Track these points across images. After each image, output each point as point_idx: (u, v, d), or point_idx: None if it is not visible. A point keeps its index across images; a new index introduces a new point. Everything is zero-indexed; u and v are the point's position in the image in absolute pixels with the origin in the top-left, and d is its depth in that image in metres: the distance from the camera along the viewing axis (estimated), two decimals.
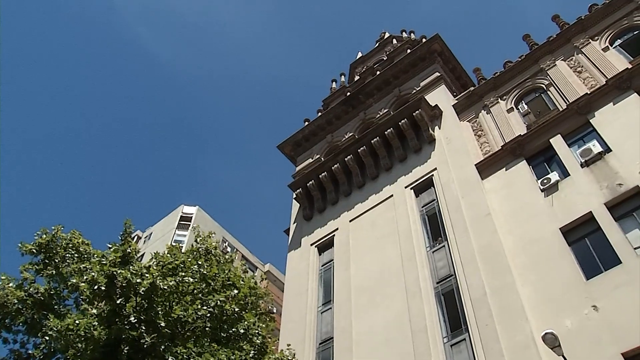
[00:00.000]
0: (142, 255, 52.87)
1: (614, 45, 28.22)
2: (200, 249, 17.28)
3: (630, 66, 25.93)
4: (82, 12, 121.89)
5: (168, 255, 16.27)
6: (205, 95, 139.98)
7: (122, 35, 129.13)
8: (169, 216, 67.41)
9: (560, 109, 27.12)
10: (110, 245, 14.92)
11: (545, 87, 29.37)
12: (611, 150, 23.51)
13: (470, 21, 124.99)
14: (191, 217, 65.65)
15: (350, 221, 31.18)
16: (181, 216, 66.03)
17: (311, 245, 31.99)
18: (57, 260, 15.89)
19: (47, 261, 15.99)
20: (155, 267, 15.21)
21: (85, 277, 14.36)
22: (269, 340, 16.38)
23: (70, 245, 16.57)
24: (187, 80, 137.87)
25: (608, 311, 18.89)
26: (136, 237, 65.53)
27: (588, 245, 21.48)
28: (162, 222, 67.69)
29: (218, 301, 15.03)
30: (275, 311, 30.54)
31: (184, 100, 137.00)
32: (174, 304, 14.80)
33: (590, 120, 25.43)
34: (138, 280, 13.92)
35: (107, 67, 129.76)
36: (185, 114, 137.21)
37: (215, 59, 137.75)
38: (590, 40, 29.03)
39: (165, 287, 14.49)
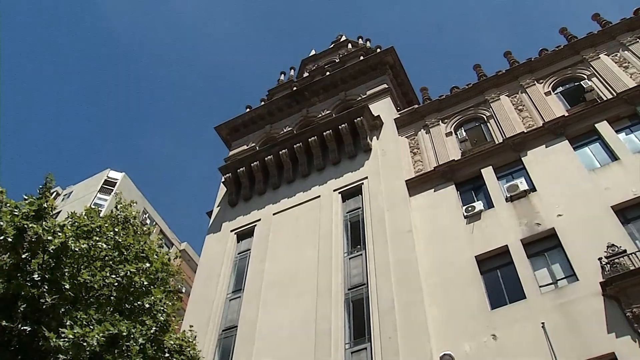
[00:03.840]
0: (59, 212, 51.05)
1: (555, 92, 29.42)
2: (119, 216, 16.77)
3: (566, 114, 27.12)
4: None
5: (85, 217, 15.71)
6: (152, 64, 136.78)
7: None
8: (93, 178, 65.35)
9: (496, 142, 28.01)
10: (26, 197, 14.25)
11: (485, 118, 30.22)
12: (536, 190, 24.40)
13: (425, 42, 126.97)
14: (116, 182, 63.84)
15: (273, 214, 31.08)
16: (105, 180, 64.10)
17: (231, 231, 31.70)
18: None
19: None
20: (69, 227, 14.64)
21: None
22: (173, 319, 16.05)
23: None
24: (135, 46, 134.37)
25: (505, 342, 19.56)
26: (55, 193, 63.23)
27: (498, 277, 22.20)
28: (84, 182, 65.55)
29: (128, 272, 14.60)
30: (184, 291, 29.96)
31: (131, 65, 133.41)
32: (82, 267, 14.29)
33: (522, 158, 26.34)
34: (49, 238, 13.36)
35: (53, 20, 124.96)
36: (129, 79, 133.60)
37: (168, 29, 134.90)
38: (536, 82, 30.14)
39: (77, 249, 13.97)
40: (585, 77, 28.93)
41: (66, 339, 12.38)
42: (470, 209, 25.02)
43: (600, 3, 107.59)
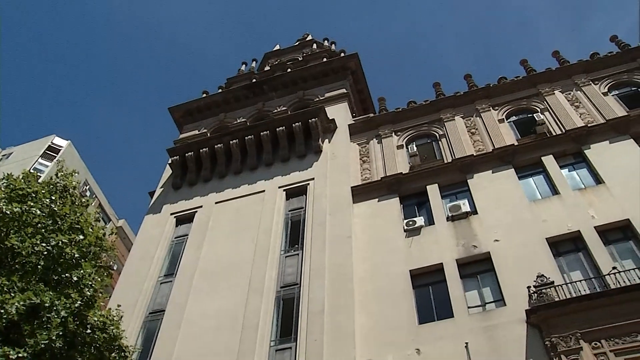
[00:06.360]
0: None
1: (508, 120, 30.23)
2: (58, 184, 16.23)
3: (516, 143, 27.86)
4: None
5: (22, 180, 15.21)
6: (112, 35, 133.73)
7: None
8: (36, 142, 63.10)
9: (445, 161, 28.54)
10: None
11: (438, 136, 30.72)
12: (477, 213, 24.90)
13: (390, 53, 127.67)
14: (60, 149, 61.80)
15: (216, 203, 30.82)
16: (49, 146, 61.98)
17: (171, 214, 31.25)
18: None
19: None
20: (3, 189, 14.20)
21: None
22: (100, 295, 15.67)
23: None
24: (97, 13, 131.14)
25: (428, 357, 19.84)
26: None
27: (430, 293, 22.51)
28: (26, 145, 63.27)
29: (60, 242, 14.17)
30: (115, 268, 29.36)
31: (91, 35, 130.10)
32: (11, 231, 13.84)
33: (468, 180, 26.84)
34: None
35: None
36: (88, 48, 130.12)
37: (133, 2, 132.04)
38: (491, 108, 30.85)
39: (8, 212, 13.55)
40: (539, 110, 29.78)
41: None
42: (411, 223, 25.32)
43: (560, 41, 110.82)
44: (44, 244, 14.01)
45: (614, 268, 20.11)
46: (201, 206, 31.01)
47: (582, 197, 23.97)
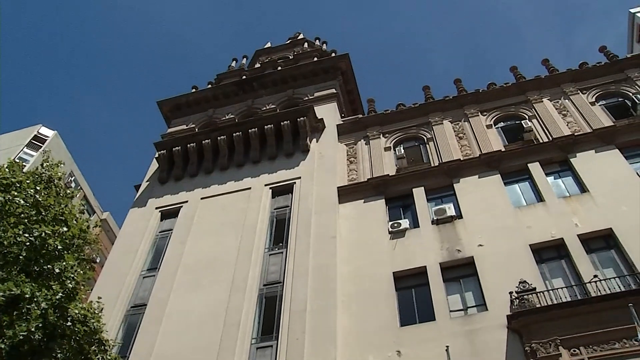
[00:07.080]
0: None
1: (496, 126, 30.35)
2: (43, 175, 16.09)
3: (503, 149, 27.96)
4: None
5: (6, 169, 15.07)
6: (106, 29, 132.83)
7: None
8: (22, 131, 62.36)
9: (432, 165, 28.61)
10: None
11: (425, 140, 30.82)
12: (462, 218, 25.02)
13: (382, 55, 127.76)
14: (46, 139, 61.12)
15: (202, 198, 30.74)
16: (35, 135, 61.29)
17: (156, 208, 31.12)
18: None
19: None
20: None
21: None
22: (82, 287, 15.54)
23: None
24: (92, 8, 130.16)
25: (409, 359, 19.91)
26: None
27: (412, 295, 22.60)
28: (12, 134, 62.49)
29: (43, 233, 14.02)
30: (98, 261, 29.18)
31: (86, 28, 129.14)
32: None
33: (454, 184, 26.96)
34: None
35: None
36: (81, 39, 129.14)
37: None
38: (479, 114, 30.99)
39: None
40: (527, 117, 29.96)
41: None
42: (396, 225, 25.38)
43: (550, 50, 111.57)
44: (26, 235, 13.87)
45: (595, 276, 20.28)
46: (187, 201, 30.92)
47: (566, 205, 24.14)
